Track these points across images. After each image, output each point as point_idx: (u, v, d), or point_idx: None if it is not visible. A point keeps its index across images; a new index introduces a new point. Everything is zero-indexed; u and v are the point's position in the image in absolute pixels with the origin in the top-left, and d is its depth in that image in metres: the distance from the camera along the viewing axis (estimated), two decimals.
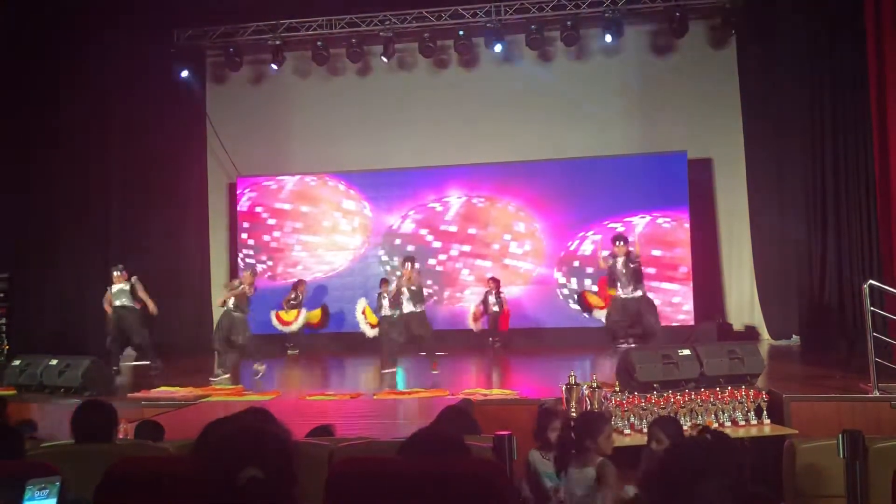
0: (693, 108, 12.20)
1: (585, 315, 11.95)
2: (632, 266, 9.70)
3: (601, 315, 11.14)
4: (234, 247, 13.45)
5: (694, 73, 12.28)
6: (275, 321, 12.16)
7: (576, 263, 12.41)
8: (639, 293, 9.74)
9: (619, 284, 9.74)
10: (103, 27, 11.74)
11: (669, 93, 12.33)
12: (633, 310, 9.73)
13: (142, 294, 9.77)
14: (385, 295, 10.41)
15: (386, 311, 10.18)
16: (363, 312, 11.81)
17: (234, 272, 12.68)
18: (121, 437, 4.69)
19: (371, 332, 11.53)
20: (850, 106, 9.98)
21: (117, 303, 9.72)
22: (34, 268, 11.84)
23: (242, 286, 9.60)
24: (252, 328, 9.74)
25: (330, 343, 12.61)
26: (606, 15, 11.78)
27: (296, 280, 12.56)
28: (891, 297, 7.38)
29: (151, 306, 9.82)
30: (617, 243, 9.89)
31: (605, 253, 10.14)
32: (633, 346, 9.33)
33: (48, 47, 11.55)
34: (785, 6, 11.00)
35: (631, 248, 9.85)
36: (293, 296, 12.24)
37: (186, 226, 13.23)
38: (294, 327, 12.09)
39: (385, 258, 12.91)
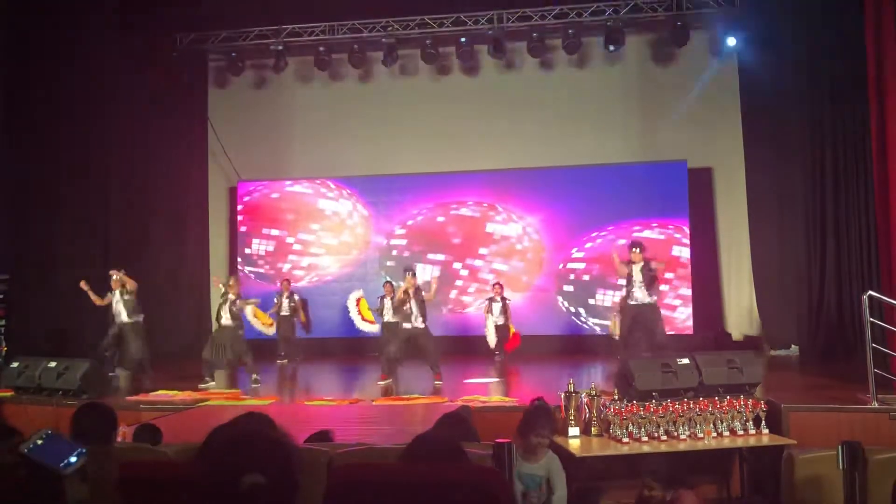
0: (693, 117, 12.22)
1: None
2: (649, 273, 9.20)
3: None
4: (233, 251, 13.45)
5: (695, 83, 12.29)
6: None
7: (571, 276, 12.42)
8: (652, 299, 9.25)
9: (633, 292, 9.24)
10: (106, 30, 11.77)
11: (670, 102, 12.35)
12: (646, 318, 9.23)
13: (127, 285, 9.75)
14: (388, 297, 10.33)
15: (388, 316, 10.12)
16: (357, 303, 11.57)
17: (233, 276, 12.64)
18: (119, 440, 4.69)
19: (365, 326, 11.36)
20: (849, 117, 10.02)
21: (118, 319, 9.68)
22: (33, 270, 11.84)
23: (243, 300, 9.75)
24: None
25: (327, 348, 12.58)
26: (608, 24, 11.81)
27: (282, 282, 12.16)
28: (890, 308, 7.38)
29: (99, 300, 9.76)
30: (633, 250, 9.34)
31: (620, 263, 9.47)
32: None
33: (50, 50, 11.57)
34: (786, 18, 11.03)
35: (652, 263, 9.36)
36: (275, 300, 11.81)
37: (186, 229, 13.22)
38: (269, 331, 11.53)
39: (386, 263, 12.92)
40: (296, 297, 11.93)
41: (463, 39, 12.29)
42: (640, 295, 9.19)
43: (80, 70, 11.81)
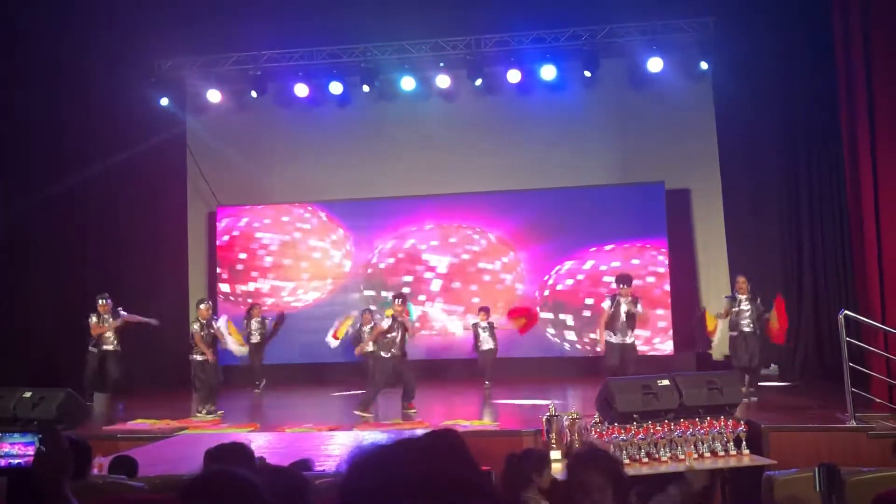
0: (670, 139, 12.34)
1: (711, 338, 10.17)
2: (635, 312, 8.98)
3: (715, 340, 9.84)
4: (212, 276, 13.36)
5: (671, 106, 12.44)
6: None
7: (551, 298, 12.46)
8: (631, 339, 9.11)
9: (618, 329, 8.91)
10: (84, 55, 11.73)
11: (647, 124, 12.48)
12: (629, 357, 9.03)
13: (134, 319, 9.72)
14: (367, 327, 10.21)
15: (369, 345, 9.97)
16: (334, 335, 11.36)
17: (213, 302, 12.51)
18: (95, 472, 4.62)
19: (334, 344, 11.18)
20: (823, 138, 10.18)
21: (104, 346, 9.58)
22: (8, 297, 11.67)
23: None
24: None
25: (307, 374, 12.49)
26: (585, 48, 11.95)
27: (252, 306, 11.94)
28: (866, 327, 7.47)
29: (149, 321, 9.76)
30: (621, 286, 9.06)
31: (607, 303, 9.11)
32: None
33: (27, 76, 11.50)
34: (760, 42, 11.21)
35: (639, 303, 9.21)
36: (246, 324, 11.53)
37: (165, 255, 13.11)
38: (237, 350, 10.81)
39: (365, 288, 12.89)
40: (267, 321, 11.64)
41: (441, 64, 12.38)
42: (624, 333, 8.87)
43: (58, 95, 11.74)
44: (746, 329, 9.09)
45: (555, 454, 6.25)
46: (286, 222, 13.30)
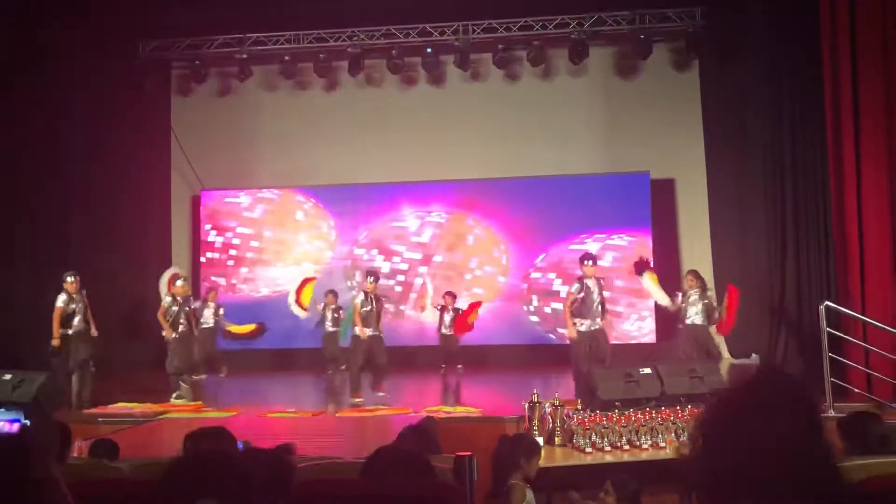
0: (656, 129, 12.36)
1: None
2: (601, 292, 8.55)
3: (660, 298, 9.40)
4: (196, 260, 13.28)
5: (657, 95, 12.46)
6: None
7: (535, 286, 12.49)
8: (600, 325, 8.55)
9: (591, 314, 8.32)
10: (67, 37, 11.57)
11: (633, 114, 12.50)
12: (599, 345, 8.48)
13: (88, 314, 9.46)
14: (330, 308, 10.24)
15: (330, 327, 10.01)
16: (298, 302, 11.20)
17: (196, 285, 12.47)
18: (75, 455, 4.59)
19: (302, 314, 11.16)
20: (808, 131, 10.23)
21: (79, 325, 9.33)
22: None
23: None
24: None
25: (290, 358, 12.46)
26: (572, 36, 11.93)
27: (208, 290, 11.87)
28: (846, 318, 7.55)
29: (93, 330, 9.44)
30: (586, 263, 8.50)
31: (575, 287, 8.51)
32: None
33: (6, 56, 11.33)
34: (747, 33, 11.24)
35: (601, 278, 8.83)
36: (199, 308, 11.29)
37: (148, 238, 13.02)
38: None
39: (348, 277, 12.85)
40: (221, 310, 11.63)
41: (429, 50, 12.32)
42: (595, 318, 8.40)
43: (40, 77, 11.57)
44: (695, 322, 8.95)
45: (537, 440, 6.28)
46: (270, 207, 13.23)
